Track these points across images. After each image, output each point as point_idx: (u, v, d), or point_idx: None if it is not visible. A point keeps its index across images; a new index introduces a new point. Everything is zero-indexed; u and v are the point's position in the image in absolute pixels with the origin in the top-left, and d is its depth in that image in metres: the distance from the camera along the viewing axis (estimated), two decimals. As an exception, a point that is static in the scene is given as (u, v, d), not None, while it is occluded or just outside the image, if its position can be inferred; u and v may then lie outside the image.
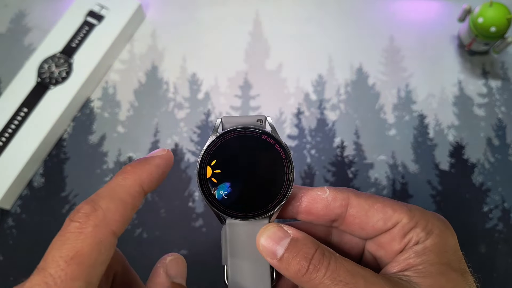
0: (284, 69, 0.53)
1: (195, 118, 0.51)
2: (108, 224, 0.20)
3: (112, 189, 0.22)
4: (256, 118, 0.27)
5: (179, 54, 0.54)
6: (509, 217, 0.47)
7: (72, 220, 0.20)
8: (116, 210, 0.21)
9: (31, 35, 0.54)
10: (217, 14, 0.56)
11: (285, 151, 0.26)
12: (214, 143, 0.26)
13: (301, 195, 0.27)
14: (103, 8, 0.53)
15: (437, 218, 0.26)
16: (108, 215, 0.21)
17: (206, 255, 0.45)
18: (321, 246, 0.24)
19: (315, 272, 0.23)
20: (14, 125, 0.47)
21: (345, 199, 0.26)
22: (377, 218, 0.26)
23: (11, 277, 0.44)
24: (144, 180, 0.23)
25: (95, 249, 0.20)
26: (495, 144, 0.50)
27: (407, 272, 0.24)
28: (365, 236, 0.27)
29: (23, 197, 0.47)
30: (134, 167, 0.23)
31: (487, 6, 0.48)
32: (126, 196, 0.22)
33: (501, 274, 0.44)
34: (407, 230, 0.25)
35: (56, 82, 0.49)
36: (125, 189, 0.22)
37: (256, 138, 0.26)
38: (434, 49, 0.54)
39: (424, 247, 0.25)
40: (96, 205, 0.21)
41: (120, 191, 0.22)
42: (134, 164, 0.23)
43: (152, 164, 0.24)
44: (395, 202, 0.26)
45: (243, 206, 0.26)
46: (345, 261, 0.24)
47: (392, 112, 0.51)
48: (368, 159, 0.49)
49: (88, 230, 0.20)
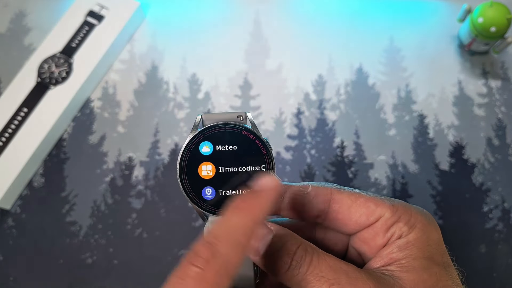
0: (284, 69, 0.53)
1: (195, 118, 0.51)
2: (227, 271, 0.20)
3: (228, 230, 0.21)
4: (236, 114, 0.27)
5: (179, 54, 0.54)
6: (509, 217, 0.47)
7: (192, 264, 0.19)
8: (235, 255, 0.20)
9: (31, 35, 0.54)
10: (217, 14, 0.56)
11: (265, 146, 0.26)
12: (194, 139, 0.26)
13: (283, 192, 0.26)
14: (103, 8, 0.53)
15: (420, 213, 0.26)
16: (227, 261, 0.20)
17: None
18: (304, 243, 0.24)
19: (297, 269, 0.23)
20: (14, 125, 0.47)
21: (327, 194, 0.26)
22: (360, 213, 0.25)
23: (11, 277, 0.44)
24: (259, 218, 0.22)
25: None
26: (495, 144, 0.50)
27: (390, 266, 0.24)
28: (349, 231, 0.27)
29: (23, 197, 0.47)
30: (249, 204, 0.22)
31: (487, 6, 0.48)
32: (242, 238, 0.21)
33: (501, 274, 0.44)
34: (389, 224, 0.25)
35: (56, 82, 0.49)
36: (241, 230, 0.21)
37: (237, 134, 0.26)
38: (434, 49, 0.54)
39: (407, 241, 0.25)
40: (215, 250, 0.20)
41: (236, 233, 0.21)
42: (248, 201, 0.22)
43: (266, 199, 0.23)
44: (378, 196, 0.26)
45: (225, 203, 0.25)
46: (327, 257, 0.24)
47: (392, 112, 0.51)
48: (368, 159, 0.49)
49: (208, 276, 0.19)
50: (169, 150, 0.49)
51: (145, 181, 0.48)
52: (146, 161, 0.49)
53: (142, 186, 0.48)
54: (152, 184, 0.48)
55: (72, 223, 0.46)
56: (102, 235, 0.46)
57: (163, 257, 0.45)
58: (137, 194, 0.48)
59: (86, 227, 0.46)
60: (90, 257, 0.45)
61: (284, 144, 0.50)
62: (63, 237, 0.46)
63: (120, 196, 0.47)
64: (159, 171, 0.48)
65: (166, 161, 0.49)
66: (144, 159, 0.49)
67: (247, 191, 0.23)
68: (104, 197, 0.47)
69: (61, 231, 0.46)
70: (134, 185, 0.48)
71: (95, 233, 0.46)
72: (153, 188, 0.48)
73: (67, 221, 0.46)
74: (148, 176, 0.48)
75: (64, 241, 0.46)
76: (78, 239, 0.46)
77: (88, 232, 0.46)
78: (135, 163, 0.49)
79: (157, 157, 0.49)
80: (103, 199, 0.47)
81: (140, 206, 0.47)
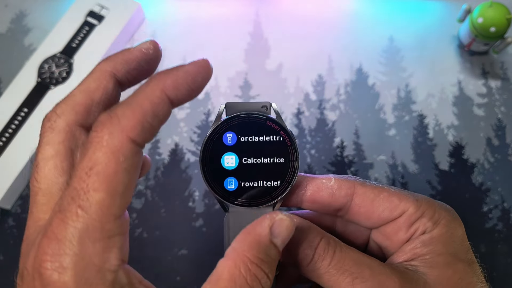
0: (284, 69, 0.53)
1: (195, 118, 0.51)
2: (123, 131, 0.19)
3: (131, 96, 0.20)
4: (261, 104, 0.26)
5: (179, 54, 0.54)
6: (508, 217, 0.47)
7: (92, 130, 0.19)
8: (133, 116, 0.19)
9: (31, 35, 0.55)
10: (217, 14, 0.56)
11: (290, 138, 0.25)
12: (218, 129, 0.26)
13: (306, 183, 0.26)
14: (103, 8, 0.53)
15: (444, 208, 0.26)
16: (123, 121, 0.19)
17: (206, 255, 0.45)
18: (326, 235, 0.24)
19: (320, 261, 0.23)
20: (14, 125, 0.47)
21: (350, 188, 0.26)
22: (383, 208, 0.25)
23: (11, 277, 0.44)
24: (168, 86, 0.20)
25: (112, 158, 0.18)
26: (494, 144, 0.50)
27: (414, 261, 0.24)
28: (371, 225, 0.26)
29: (23, 197, 0.47)
30: (158, 73, 0.21)
31: (486, 6, 0.48)
32: (144, 102, 0.20)
33: (500, 274, 0.45)
34: (413, 219, 0.25)
35: (56, 82, 0.50)
36: (143, 94, 0.20)
37: (261, 124, 0.25)
38: (434, 49, 0.54)
39: (431, 237, 0.24)
40: (112, 113, 0.19)
41: (138, 97, 0.20)
42: (159, 72, 0.21)
43: (180, 70, 0.21)
44: (401, 191, 0.26)
45: (247, 194, 0.25)
46: (350, 250, 0.23)
47: (392, 112, 0.51)
48: (368, 159, 0.49)
49: (104, 139, 0.18)
50: (169, 150, 0.49)
51: (145, 181, 0.48)
52: (146, 161, 0.49)
53: (142, 186, 0.48)
54: (152, 184, 0.48)
55: (72, 223, 0.46)
56: (102, 235, 0.46)
57: (163, 257, 0.45)
58: (137, 194, 0.48)
59: (86, 227, 0.46)
60: (90, 257, 0.45)
61: (284, 144, 0.50)
62: (63, 237, 0.46)
63: (120, 196, 0.47)
64: (159, 171, 0.48)
65: (166, 161, 0.49)
66: (144, 159, 0.49)
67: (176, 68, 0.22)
68: (104, 197, 0.47)
69: (62, 231, 0.46)
70: (134, 185, 0.48)
71: (95, 233, 0.46)
72: (153, 188, 0.48)
73: (68, 221, 0.46)
74: (148, 176, 0.48)
75: (64, 241, 0.46)
76: (79, 239, 0.46)
77: (89, 232, 0.46)
78: (135, 163, 0.49)
79: (157, 157, 0.49)
80: (103, 199, 0.47)
81: (140, 206, 0.47)
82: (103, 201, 0.18)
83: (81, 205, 0.18)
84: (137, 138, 0.19)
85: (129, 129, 0.19)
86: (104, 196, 0.18)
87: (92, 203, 0.18)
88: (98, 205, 0.18)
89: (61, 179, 0.22)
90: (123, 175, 0.19)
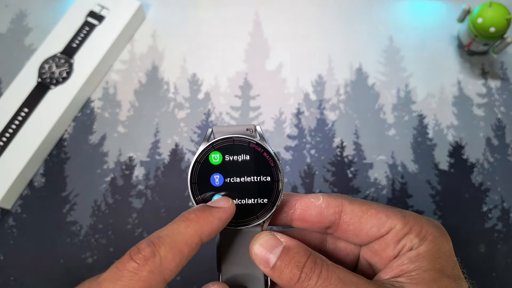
0: (284, 69, 0.53)
1: (195, 118, 0.51)
2: (162, 273, 0.21)
3: (173, 236, 0.23)
4: (246, 127, 0.27)
5: (179, 54, 0.54)
6: (508, 217, 0.47)
7: (132, 259, 0.21)
8: (173, 260, 0.22)
9: (31, 35, 0.55)
10: (217, 14, 0.56)
11: (273, 159, 0.26)
12: (204, 151, 0.27)
13: (294, 202, 0.27)
14: (104, 8, 0.53)
15: (431, 224, 0.26)
16: (164, 263, 0.21)
17: (206, 255, 0.45)
18: (313, 254, 0.24)
19: (306, 281, 0.23)
20: (14, 125, 0.47)
21: (338, 205, 0.26)
22: (371, 225, 0.26)
23: (11, 277, 0.44)
24: (205, 233, 0.23)
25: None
26: (494, 144, 0.50)
27: (400, 278, 0.24)
28: (360, 242, 0.27)
29: (23, 197, 0.47)
30: (198, 216, 0.23)
31: (486, 7, 0.48)
32: (184, 247, 0.22)
33: (500, 274, 0.45)
34: (401, 236, 0.25)
35: (56, 82, 0.50)
36: (185, 239, 0.23)
37: (245, 147, 0.27)
38: (434, 49, 0.54)
39: (418, 253, 0.25)
40: (156, 251, 0.22)
41: (180, 240, 0.22)
42: (199, 214, 0.24)
43: (216, 217, 0.24)
44: (389, 208, 0.26)
45: (234, 214, 0.26)
46: (337, 269, 0.24)
47: (392, 112, 0.51)
48: (367, 159, 0.49)
49: (143, 274, 0.21)
50: (170, 150, 0.49)
51: (146, 181, 0.48)
52: (147, 161, 0.49)
53: (142, 186, 0.48)
54: (153, 184, 0.48)
55: (72, 222, 0.47)
56: (103, 235, 0.46)
57: (163, 256, 0.45)
58: (138, 194, 0.48)
59: (86, 227, 0.46)
60: (90, 256, 0.45)
61: (284, 144, 0.50)
62: (63, 237, 0.46)
63: (120, 196, 0.48)
64: (159, 171, 0.49)
65: (166, 161, 0.49)
66: (145, 159, 0.49)
67: (202, 205, 0.24)
68: (104, 197, 0.48)
69: (62, 231, 0.46)
70: (135, 185, 0.48)
71: (95, 233, 0.46)
72: (153, 188, 0.48)
73: (68, 221, 0.47)
74: (148, 176, 0.48)
75: (64, 240, 0.46)
76: (79, 239, 0.46)
77: (89, 231, 0.46)
78: (136, 163, 0.49)
79: (157, 157, 0.49)
80: (103, 199, 0.47)
81: (140, 206, 0.47)
82: None
83: None
84: (169, 279, 0.22)
85: (166, 273, 0.22)
86: None
87: None
88: None
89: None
90: None
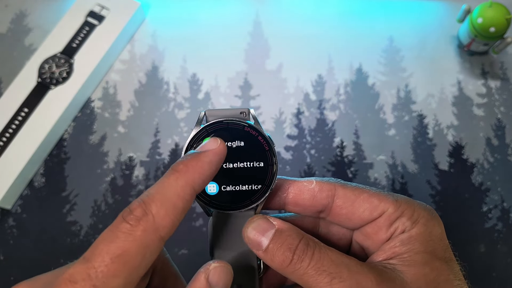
0: (284, 69, 0.53)
1: (195, 118, 0.51)
2: (157, 230, 0.20)
3: (164, 191, 0.21)
4: (239, 110, 0.27)
5: (179, 54, 0.54)
6: (508, 217, 0.47)
7: (124, 220, 0.20)
8: (166, 216, 0.21)
9: (31, 35, 0.55)
10: (217, 14, 0.56)
11: (267, 142, 0.26)
12: (197, 135, 0.26)
13: (287, 186, 0.27)
14: (104, 8, 0.53)
15: (423, 208, 0.26)
16: (157, 221, 0.20)
17: (206, 255, 0.45)
18: (306, 236, 0.24)
19: (299, 263, 0.23)
20: (15, 125, 0.48)
21: (331, 189, 0.26)
22: (363, 208, 0.26)
23: (11, 277, 0.45)
24: (197, 181, 0.22)
25: (141, 252, 0.20)
26: (494, 144, 0.50)
27: (392, 260, 0.24)
28: (352, 226, 0.27)
29: (23, 197, 0.47)
30: (187, 165, 0.22)
31: (486, 7, 0.48)
32: (177, 201, 0.21)
33: (500, 274, 0.45)
34: (393, 219, 0.25)
35: (56, 82, 0.50)
36: (177, 192, 0.21)
37: (239, 130, 0.26)
38: (434, 50, 0.54)
39: (410, 236, 0.25)
40: (147, 209, 0.21)
41: (171, 194, 0.21)
42: (187, 162, 0.22)
43: (205, 161, 0.22)
44: (381, 192, 0.26)
45: (228, 198, 0.26)
46: (329, 251, 0.24)
47: (392, 112, 0.51)
48: (367, 159, 0.49)
49: (137, 234, 0.20)
50: (170, 150, 0.49)
51: (146, 181, 0.48)
52: (147, 161, 0.49)
53: (142, 186, 0.48)
54: (153, 184, 0.48)
55: (72, 222, 0.47)
56: (103, 235, 0.46)
57: (163, 256, 0.45)
58: (138, 194, 0.48)
59: (86, 227, 0.46)
60: (90, 256, 0.45)
61: (284, 144, 0.50)
62: (63, 237, 0.46)
63: (120, 196, 0.48)
64: (159, 171, 0.49)
65: (166, 161, 0.49)
66: (145, 159, 0.49)
67: (189, 153, 0.23)
68: (104, 196, 0.48)
69: (62, 231, 0.46)
70: (135, 185, 0.48)
71: (95, 233, 0.46)
72: (153, 188, 0.48)
73: (68, 221, 0.47)
74: (148, 176, 0.48)
75: (64, 240, 0.46)
76: (79, 239, 0.46)
77: (89, 231, 0.46)
78: (136, 163, 0.49)
79: (157, 157, 0.49)
80: (103, 198, 0.47)
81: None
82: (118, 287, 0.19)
83: (96, 286, 0.19)
84: (166, 236, 0.21)
85: (161, 230, 0.20)
86: (121, 283, 0.19)
87: (107, 287, 0.19)
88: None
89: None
90: (144, 268, 0.20)
